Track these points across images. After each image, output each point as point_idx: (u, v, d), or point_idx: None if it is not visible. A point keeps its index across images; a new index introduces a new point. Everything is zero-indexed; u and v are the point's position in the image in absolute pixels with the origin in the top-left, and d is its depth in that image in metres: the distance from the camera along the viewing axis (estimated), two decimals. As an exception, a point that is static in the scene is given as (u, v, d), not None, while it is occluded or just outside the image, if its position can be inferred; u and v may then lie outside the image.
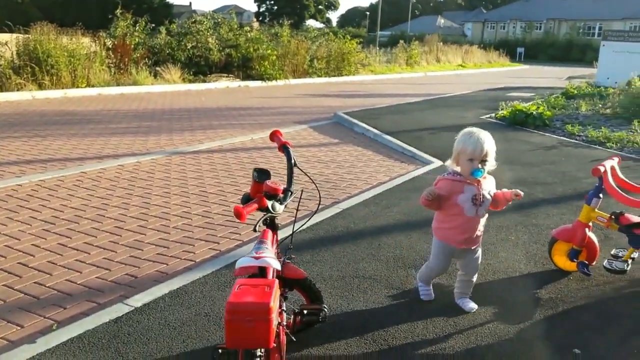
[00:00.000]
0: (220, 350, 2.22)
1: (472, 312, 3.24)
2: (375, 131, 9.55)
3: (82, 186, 5.85)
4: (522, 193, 3.01)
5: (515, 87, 19.62)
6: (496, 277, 3.77)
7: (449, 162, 3.14)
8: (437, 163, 7.27)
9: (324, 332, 2.99)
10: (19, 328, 3.06)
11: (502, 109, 11.47)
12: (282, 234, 3.45)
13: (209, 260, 4.02)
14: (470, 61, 35.70)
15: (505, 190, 3.11)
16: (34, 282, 3.61)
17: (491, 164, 2.98)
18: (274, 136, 2.74)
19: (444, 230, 3.16)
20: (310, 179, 2.74)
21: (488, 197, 3.04)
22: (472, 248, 3.16)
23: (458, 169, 3.07)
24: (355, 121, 10.40)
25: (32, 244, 4.23)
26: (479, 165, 2.92)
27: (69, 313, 3.23)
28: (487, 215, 3.13)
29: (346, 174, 6.83)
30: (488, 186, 3.05)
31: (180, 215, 5.02)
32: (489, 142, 2.92)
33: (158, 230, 4.62)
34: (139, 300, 3.32)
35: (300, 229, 2.92)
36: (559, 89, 16.74)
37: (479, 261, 3.26)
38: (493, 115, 11.53)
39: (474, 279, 3.30)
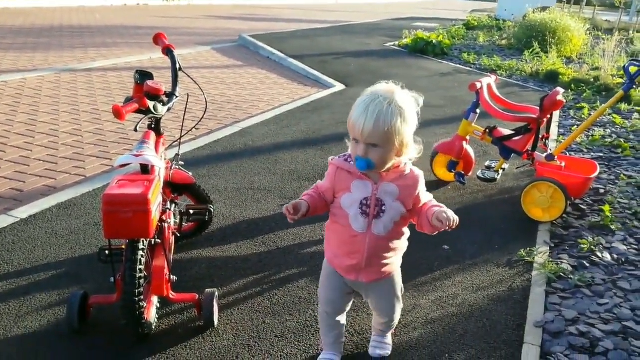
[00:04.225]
0: (106, 251, 2.27)
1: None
2: (281, 55, 9.46)
3: (-42, 102, 5.40)
4: (456, 218, 1.76)
5: (421, 17, 19.97)
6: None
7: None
8: (339, 87, 7.40)
9: (216, 236, 3.10)
10: None
11: (405, 38, 11.72)
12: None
13: (99, 175, 3.94)
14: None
15: (434, 206, 1.84)
16: None
17: (403, 153, 1.75)
18: (157, 39, 2.67)
19: (329, 248, 2.01)
20: (196, 82, 2.73)
21: (395, 206, 1.82)
22: (368, 282, 1.97)
23: None
24: (261, 44, 10.22)
25: None
26: (365, 152, 1.71)
27: (-54, 226, 3.09)
28: (404, 237, 1.96)
29: (249, 95, 6.80)
30: (400, 189, 1.82)
31: (70, 133, 4.82)
32: (386, 117, 1.65)
33: (46, 147, 4.42)
34: (24, 212, 3.23)
35: (188, 133, 2.90)
36: (462, 21, 17.27)
37: (395, 300, 2.08)
38: (396, 43, 11.77)
39: (390, 322, 2.16)
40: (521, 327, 2.46)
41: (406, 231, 1.97)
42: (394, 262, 1.99)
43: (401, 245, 1.98)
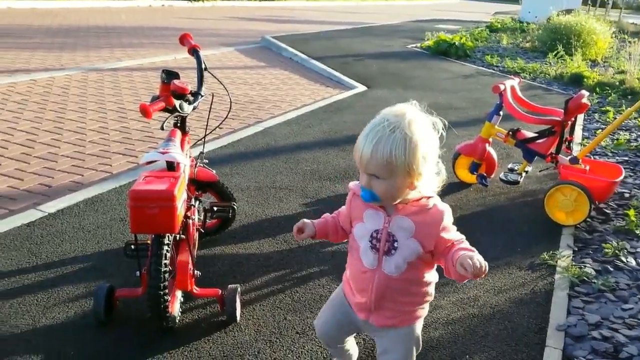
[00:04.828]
0: (132, 246, 2.32)
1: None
2: (303, 56, 9.50)
3: (-11, 99, 5.54)
4: (484, 265, 1.44)
5: (443, 19, 19.86)
6: (404, 188, 4.02)
7: None
8: (361, 88, 7.40)
9: (238, 234, 3.14)
10: None
11: (427, 39, 11.67)
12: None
13: (125, 172, 4.01)
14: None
15: (461, 249, 1.52)
16: (-61, 191, 3.49)
17: (416, 185, 1.51)
18: (183, 39, 2.73)
19: (346, 278, 1.79)
20: (221, 82, 2.77)
21: (409, 244, 1.56)
22: (380, 327, 1.70)
23: None
24: (284, 45, 10.28)
25: None
26: (367, 183, 1.50)
27: (-22, 219, 3.18)
28: (426, 283, 1.67)
29: (271, 95, 6.84)
30: (417, 226, 1.55)
31: (97, 130, 4.91)
32: (385, 145, 1.43)
33: (73, 144, 4.52)
34: (52, 207, 3.31)
35: (213, 132, 2.95)
36: (484, 23, 17.13)
37: (406, 356, 1.76)
38: (418, 45, 11.73)
39: None
40: (543, 330, 2.45)
41: (431, 277, 1.66)
42: (413, 311, 1.69)
43: (422, 291, 1.67)
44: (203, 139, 2.80)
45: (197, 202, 2.70)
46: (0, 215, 3.23)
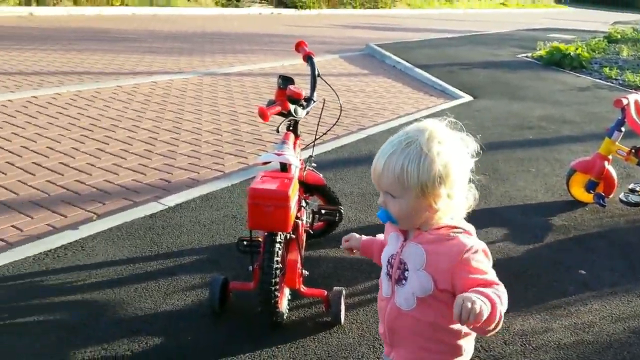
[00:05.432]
0: (245, 242, 2.45)
1: (484, 231, 3.37)
2: (407, 64, 9.45)
3: (117, 99, 6.06)
4: (473, 310, 1.16)
5: (556, 28, 18.88)
6: (511, 203, 3.89)
7: None
8: (466, 98, 7.24)
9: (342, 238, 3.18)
10: (62, 217, 3.33)
11: (539, 49, 11.16)
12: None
13: (236, 172, 4.22)
14: (513, 0, 34.24)
15: (473, 291, 1.24)
16: (75, 180, 3.86)
17: (436, 209, 1.32)
18: (299, 46, 2.83)
19: None
20: (332, 88, 2.84)
21: (419, 277, 1.35)
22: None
23: None
24: (387, 53, 10.29)
25: (71, 147, 4.48)
26: (383, 201, 1.36)
27: (107, 208, 3.48)
28: (448, 327, 1.37)
29: (374, 103, 6.88)
30: (429, 256, 1.33)
31: (210, 132, 5.21)
32: (398, 159, 1.29)
33: (189, 143, 4.82)
34: (172, 200, 3.56)
35: (322, 137, 3.04)
36: (602, 33, 16.07)
37: None
38: (529, 54, 11.25)
39: None
40: (667, 366, 2.26)
41: (459, 325, 1.30)
42: (438, 353, 1.40)
43: (445, 340, 1.38)
44: (313, 143, 2.89)
45: (305, 204, 2.79)
46: (126, 206, 3.52)
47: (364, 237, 1.66)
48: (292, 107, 2.56)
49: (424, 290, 1.33)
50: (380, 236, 1.62)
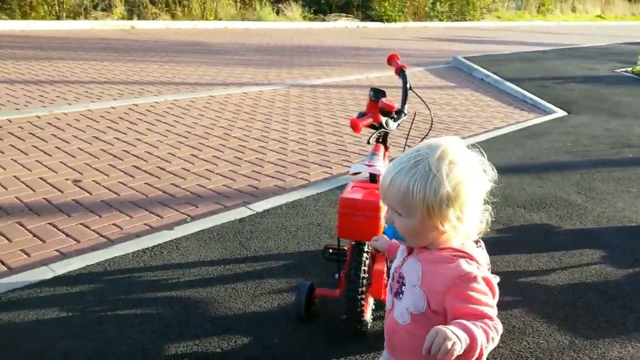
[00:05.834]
0: (330, 250, 2.49)
1: (579, 252, 3.21)
2: (496, 77, 9.21)
3: (210, 108, 6.36)
4: (443, 349, 1.11)
5: (661, 41, 17.65)
6: (609, 225, 3.67)
7: None
8: (560, 113, 6.93)
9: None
10: (159, 218, 3.54)
11: (640, 63, 10.50)
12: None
13: (321, 182, 4.29)
14: (611, 13, 32.35)
15: (458, 324, 1.18)
16: (171, 184, 4.09)
17: (442, 232, 1.28)
18: (391, 59, 2.85)
19: None
20: (424, 101, 2.83)
21: (413, 293, 1.31)
22: None
23: None
24: (475, 66, 10.07)
25: (168, 153, 4.75)
26: (391, 217, 1.33)
27: (199, 211, 3.66)
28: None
29: (460, 117, 6.76)
30: (424, 272, 1.30)
31: (296, 141, 5.33)
32: (404, 177, 1.24)
33: (277, 152, 4.96)
34: (259, 206, 3.68)
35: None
36: None
37: None
38: (629, 69, 10.59)
39: None
40: None
41: None
42: None
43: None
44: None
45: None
46: (217, 210, 3.68)
47: (394, 240, 1.57)
48: (383, 119, 2.58)
49: (417, 307, 1.30)
50: None
